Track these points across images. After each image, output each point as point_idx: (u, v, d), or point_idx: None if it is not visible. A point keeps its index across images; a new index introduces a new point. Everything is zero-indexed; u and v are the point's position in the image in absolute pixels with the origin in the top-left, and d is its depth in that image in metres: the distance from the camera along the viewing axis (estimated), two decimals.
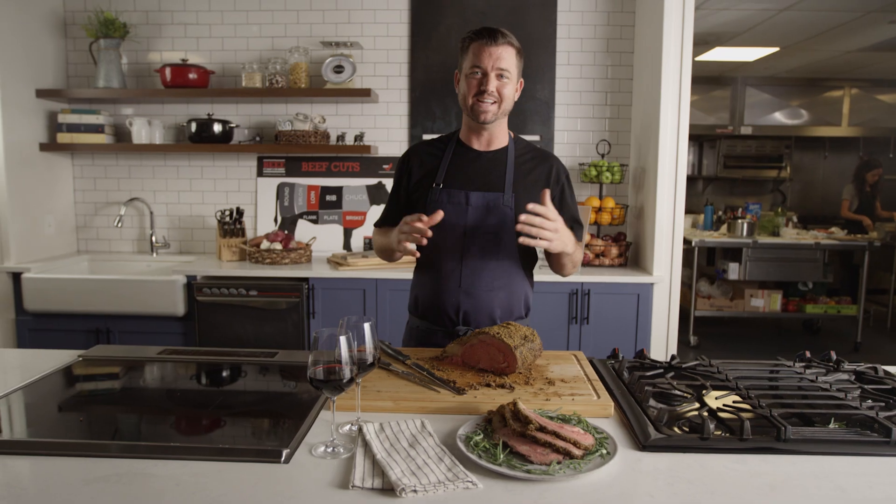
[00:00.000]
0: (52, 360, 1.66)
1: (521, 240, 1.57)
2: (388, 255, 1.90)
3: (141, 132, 3.54)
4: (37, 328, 3.21)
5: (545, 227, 1.55)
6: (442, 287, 1.77)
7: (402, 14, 3.58)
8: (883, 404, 1.32)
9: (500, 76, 1.69)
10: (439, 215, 1.60)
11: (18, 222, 3.34)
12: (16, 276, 3.19)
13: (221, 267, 3.26)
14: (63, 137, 3.51)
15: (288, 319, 3.16)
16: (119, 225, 3.57)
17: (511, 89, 1.73)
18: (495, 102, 1.71)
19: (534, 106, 3.58)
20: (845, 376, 1.52)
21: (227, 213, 3.51)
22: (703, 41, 5.76)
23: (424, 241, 1.59)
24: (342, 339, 1.11)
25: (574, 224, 1.86)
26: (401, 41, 3.60)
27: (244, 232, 3.55)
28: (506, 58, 1.69)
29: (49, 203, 3.58)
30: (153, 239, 3.71)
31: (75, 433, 1.24)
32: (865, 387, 1.43)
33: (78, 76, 3.69)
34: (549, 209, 1.56)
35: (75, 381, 1.56)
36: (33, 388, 1.46)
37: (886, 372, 1.56)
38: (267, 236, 3.38)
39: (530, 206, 1.55)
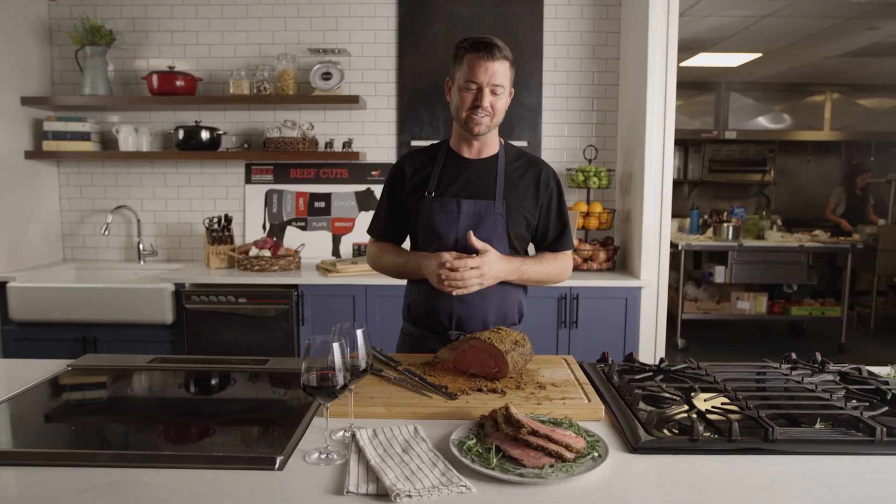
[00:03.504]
0: (39, 370, 1.65)
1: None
2: (402, 277, 1.89)
3: (128, 140, 3.52)
4: (22, 338, 3.18)
5: (455, 279, 1.65)
6: (436, 294, 1.78)
7: (390, 21, 3.60)
8: (867, 404, 1.35)
9: (494, 91, 1.70)
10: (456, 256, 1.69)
11: (3, 231, 3.30)
12: (1, 286, 3.15)
13: (210, 274, 3.25)
14: (49, 145, 3.48)
15: (277, 327, 3.15)
16: (106, 233, 3.54)
17: (504, 103, 1.75)
18: (488, 116, 1.72)
19: (521, 112, 3.61)
20: (830, 377, 1.54)
21: (216, 220, 3.49)
22: (687, 47, 5.83)
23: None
24: (335, 345, 1.12)
25: (564, 229, 1.88)
26: (388, 48, 3.62)
27: (232, 239, 3.54)
28: (501, 73, 1.69)
29: (34, 211, 3.55)
30: (140, 247, 3.68)
31: (66, 443, 1.24)
32: (850, 387, 1.45)
33: (63, 84, 3.67)
34: (464, 262, 1.65)
35: (65, 390, 1.55)
36: (21, 398, 1.44)
37: (870, 372, 1.59)
38: (255, 243, 3.37)
39: (445, 261, 1.65)
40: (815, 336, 6.06)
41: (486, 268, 1.67)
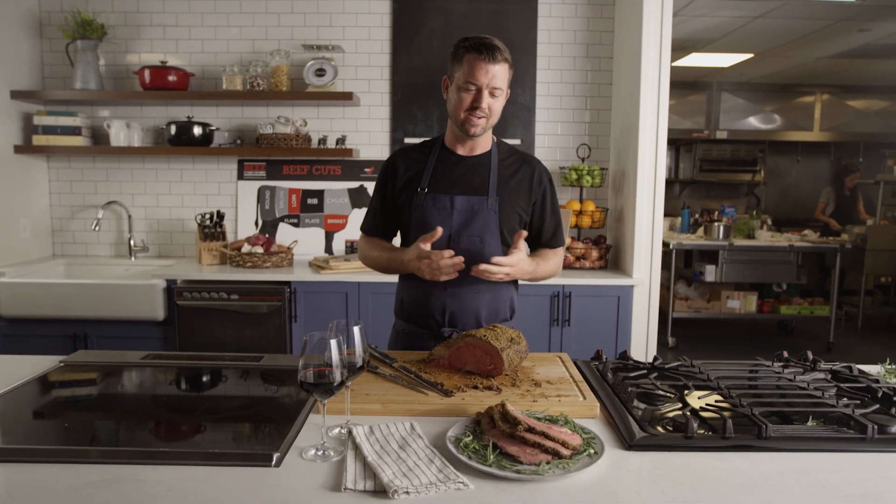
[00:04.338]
0: (31, 366, 1.63)
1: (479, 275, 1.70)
2: (389, 272, 1.88)
3: (119, 134, 3.50)
4: (12, 334, 3.15)
5: (497, 273, 1.67)
6: (428, 290, 1.78)
7: (384, 18, 3.59)
8: (858, 402, 1.36)
9: (492, 93, 1.70)
10: (438, 232, 1.67)
11: None
12: None
13: (202, 271, 3.23)
14: (39, 140, 3.45)
15: (269, 323, 3.14)
16: (96, 228, 3.51)
17: (501, 104, 1.75)
18: (485, 117, 1.72)
19: (515, 110, 3.61)
20: (822, 375, 1.56)
21: (208, 216, 3.47)
22: (679, 47, 5.85)
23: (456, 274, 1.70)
24: (333, 342, 1.11)
25: (558, 226, 1.89)
26: (382, 45, 3.61)
27: (225, 235, 3.52)
28: (500, 75, 1.69)
29: (24, 206, 3.51)
30: (132, 243, 3.66)
31: (61, 440, 1.23)
32: (841, 385, 1.47)
33: (54, 77, 3.63)
34: (510, 258, 1.68)
35: (57, 387, 1.54)
36: (12, 395, 1.43)
37: (861, 371, 1.61)
38: (248, 240, 3.35)
39: (494, 260, 1.66)
40: (803, 335, 6.11)
41: (516, 268, 1.71)
